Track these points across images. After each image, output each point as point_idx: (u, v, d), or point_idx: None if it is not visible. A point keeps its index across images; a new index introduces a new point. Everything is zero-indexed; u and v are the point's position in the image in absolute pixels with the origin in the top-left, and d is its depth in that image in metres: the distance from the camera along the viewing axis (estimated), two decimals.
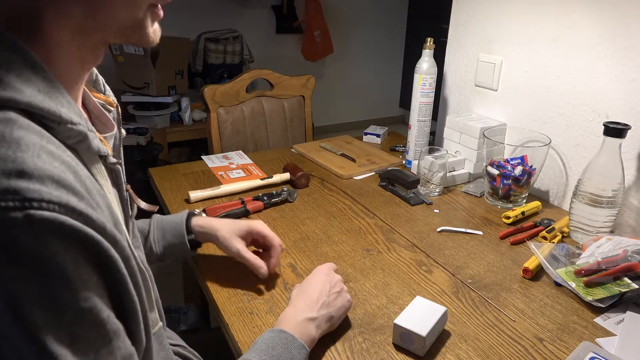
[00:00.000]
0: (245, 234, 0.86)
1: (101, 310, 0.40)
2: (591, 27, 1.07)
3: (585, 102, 1.10)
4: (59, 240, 0.36)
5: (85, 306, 0.39)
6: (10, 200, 0.34)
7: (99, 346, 0.40)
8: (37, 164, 0.36)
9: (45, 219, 0.35)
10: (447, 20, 1.45)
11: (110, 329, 0.42)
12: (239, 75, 1.65)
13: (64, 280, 0.37)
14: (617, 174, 0.95)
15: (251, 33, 3.43)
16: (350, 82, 4.22)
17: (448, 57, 1.47)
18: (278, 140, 1.75)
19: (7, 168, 0.35)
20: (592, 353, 0.70)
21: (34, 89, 0.40)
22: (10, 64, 0.40)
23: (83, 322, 0.39)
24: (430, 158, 1.19)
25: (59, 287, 0.37)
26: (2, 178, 0.35)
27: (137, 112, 2.73)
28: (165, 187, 1.23)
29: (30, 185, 0.35)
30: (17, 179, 0.35)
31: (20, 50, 0.41)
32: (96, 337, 0.40)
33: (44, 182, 0.36)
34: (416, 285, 0.87)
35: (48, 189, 0.36)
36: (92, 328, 0.40)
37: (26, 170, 0.36)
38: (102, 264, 0.41)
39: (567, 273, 0.87)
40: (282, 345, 0.64)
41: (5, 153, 0.36)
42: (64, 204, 0.37)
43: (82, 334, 0.39)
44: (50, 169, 0.37)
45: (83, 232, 0.38)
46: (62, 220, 0.36)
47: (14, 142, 0.36)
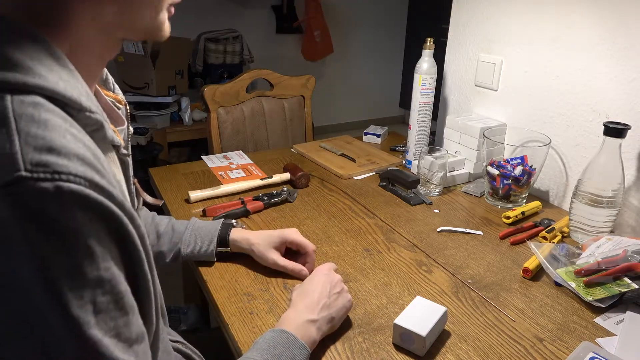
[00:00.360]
0: (279, 244, 0.89)
1: (120, 283, 0.43)
2: (591, 27, 1.07)
3: (585, 102, 1.10)
4: (83, 212, 0.39)
5: (106, 276, 0.41)
6: (42, 172, 0.37)
7: (117, 317, 0.42)
8: (64, 143, 0.39)
9: (73, 191, 0.38)
10: (447, 20, 1.45)
11: (127, 303, 0.44)
12: (239, 75, 1.65)
13: (88, 250, 0.39)
14: (617, 174, 0.95)
15: (251, 33, 3.43)
16: (350, 82, 4.22)
17: (448, 57, 1.47)
18: (278, 140, 1.75)
19: (38, 144, 0.38)
20: (592, 353, 0.70)
21: (57, 77, 0.43)
22: (35, 54, 0.42)
23: (104, 291, 0.41)
24: (430, 158, 1.19)
25: (83, 255, 0.39)
26: (34, 152, 0.37)
27: (137, 112, 2.73)
28: (165, 187, 1.23)
29: (59, 160, 0.38)
30: (47, 154, 0.38)
31: (44, 43, 0.44)
32: (115, 309, 0.42)
33: (71, 158, 0.39)
34: (416, 285, 0.87)
35: (74, 164, 0.39)
36: (112, 299, 0.42)
37: (54, 146, 0.38)
38: (121, 239, 0.43)
39: (567, 273, 0.87)
40: (283, 344, 0.64)
41: (35, 131, 0.38)
42: (89, 179, 0.39)
43: (103, 303, 0.41)
44: (75, 148, 0.40)
45: (105, 206, 0.40)
46: (87, 194, 0.39)
47: (42, 123, 0.39)
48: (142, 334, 0.46)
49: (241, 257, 0.92)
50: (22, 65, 0.41)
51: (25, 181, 0.36)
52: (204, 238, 0.89)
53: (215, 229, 0.90)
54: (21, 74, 0.41)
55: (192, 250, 0.88)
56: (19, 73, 0.41)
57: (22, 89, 0.40)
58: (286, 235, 0.89)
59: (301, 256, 0.90)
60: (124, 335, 0.43)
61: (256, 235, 0.90)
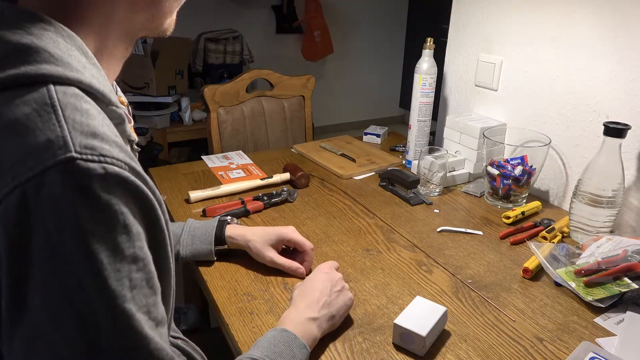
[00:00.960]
0: (276, 242, 0.89)
1: (150, 263, 0.46)
2: (591, 27, 1.07)
3: (585, 102, 1.10)
4: (124, 193, 0.42)
5: (140, 255, 0.44)
6: (90, 154, 0.40)
7: (148, 295, 0.45)
8: (104, 130, 0.43)
9: (117, 174, 0.41)
10: (447, 20, 1.45)
11: (155, 284, 0.46)
12: (239, 75, 1.65)
13: (126, 228, 0.42)
14: (617, 174, 0.95)
15: (251, 33, 3.43)
16: (350, 82, 4.22)
17: (448, 57, 1.47)
18: (278, 140, 1.75)
19: (84, 130, 0.41)
20: (592, 353, 0.70)
21: (90, 73, 0.47)
22: (70, 51, 0.46)
23: (138, 269, 0.43)
24: (430, 158, 1.19)
25: (122, 232, 0.42)
26: (81, 137, 0.41)
27: (137, 112, 2.73)
28: (165, 187, 1.23)
29: (103, 145, 0.42)
30: (93, 139, 0.41)
31: (77, 42, 0.48)
32: (147, 286, 0.45)
33: (111, 144, 0.43)
34: (416, 285, 0.87)
35: (115, 150, 0.43)
36: (144, 277, 0.44)
37: (98, 133, 0.42)
38: (151, 223, 0.46)
39: (567, 273, 0.87)
40: (283, 343, 0.65)
41: (80, 119, 0.42)
42: (128, 164, 0.43)
43: (137, 280, 0.43)
44: (113, 136, 0.44)
45: (141, 190, 0.44)
46: (127, 176, 0.42)
47: (85, 112, 0.43)
48: (164, 318, 0.48)
49: (241, 257, 0.92)
50: (62, 60, 0.44)
51: (75, 161, 0.39)
52: (202, 238, 0.89)
53: (212, 227, 0.90)
54: (62, 68, 0.44)
55: (191, 251, 0.88)
56: (60, 67, 0.44)
57: (64, 81, 0.43)
58: (283, 234, 0.89)
59: (299, 254, 0.90)
60: (153, 314, 0.45)
61: (253, 232, 0.90)
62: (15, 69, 0.42)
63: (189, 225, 0.91)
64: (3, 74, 0.42)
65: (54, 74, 0.43)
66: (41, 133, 0.40)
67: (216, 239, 0.89)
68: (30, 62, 0.43)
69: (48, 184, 0.39)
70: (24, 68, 0.42)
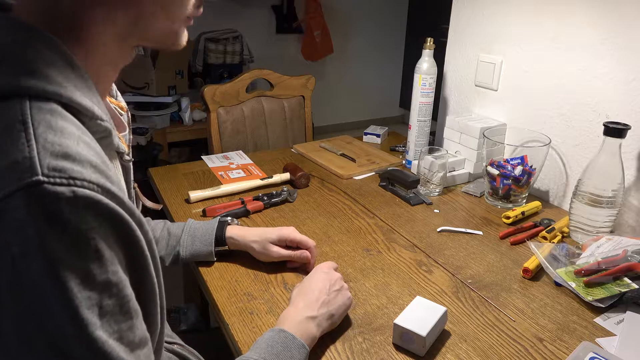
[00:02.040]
0: (277, 241, 0.89)
1: (125, 287, 0.44)
2: (591, 27, 1.07)
3: (585, 102, 1.10)
4: (95, 216, 0.40)
5: (113, 280, 0.42)
6: (58, 177, 0.38)
7: (121, 321, 0.43)
8: (78, 150, 0.41)
9: (87, 197, 0.40)
10: (447, 20, 1.45)
11: (132, 307, 0.45)
12: (239, 75, 1.65)
13: (97, 253, 0.41)
14: (617, 174, 0.95)
15: (251, 33, 3.43)
16: (350, 82, 4.22)
17: (448, 57, 1.47)
18: (278, 140, 1.75)
19: (55, 150, 0.40)
20: (592, 353, 0.70)
21: (72, 85, 0.45)
22: (54, 62, 0.44)
23: (110, 294, 0.42)
24: (430, 158, 1.19)
25: (93, 258, 0.40)
26: (50, 158, 0.39)
27: (137, 112, 2.73)
28: (165, 187, 1.23)
29: (74, 167, 0.40)
30: (63, 160, 0.40)
31: (62, 51, 0.46)
32: (119, 312, 0.43)
33: (84, 165, 0.41)
34: (416, 285, 0.87)
35: (88, 171, 0.41)
36: (117, 303, 0.43)
37: (70, 153, 0.40)
38: (128, 245, 0.44)
39: (567, 273, 0.87)
40: (281, 344, 0.64)
41: (52, 138, 0.40)
42: (101, 185, 0.41)
43: (109, 306, 0.42)
44: (88, 155, 0.42)
45: (116, 212, 0.42)
46: (99, 199, 0.40)
47: (59, 130, 0.41)
48: (146, 339, 0.47)
49: (241, 257, 0.92)
50: (42, 72, 0.43)
51: (42, 184, 0.38)
52: (202, 239, 0.89)
53: (212, 228, 0.90)
54: (41, 81, 0.42)
55: (191, 252, 0.88)
56: (39, 80, 0.42)
57: (40, 95, 0.42)
58: (284, 234, 0.89)
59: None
60: (127, 339, 0.43)
61: (254, 233, 0.90)
62: None
63: (189, 225, 0.91)
64: None
65: (31, 86, 0.42)
66: (8, 153, 0.39)
67: (216, 240, 0.89)
68: (10, 73, 0.42)
69: (12, 208, 0.37)
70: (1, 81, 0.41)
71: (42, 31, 0.45)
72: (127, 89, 2.72)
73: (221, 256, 0.92)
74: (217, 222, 0.91)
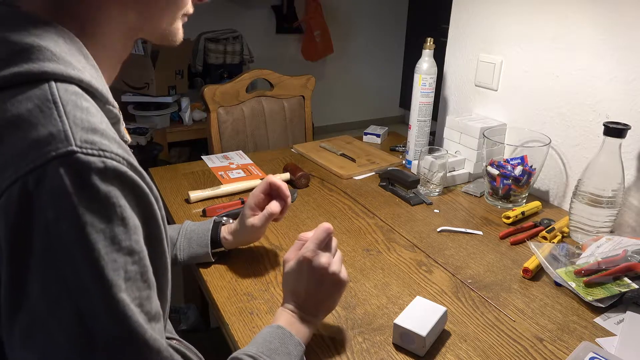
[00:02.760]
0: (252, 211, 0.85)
1: (146, 257, 0.46)
2: (591, 27, 1.07)
3: (585, 102, 1.10)
4: (122, 186, 0.44)
5: (136, 248, 0.45)
6: (90, 148, 0.42)
7: (142, 289, 0.45)
8: (104, 127, 0.45)
9: (115, 168, 0.43)
10: (447, 20, 1.45)
11: (150, 279, 0.47)
12: (239, 75, 1.65)
13: (123, 221, 0.44)
14: (617, 174, 0.95)
15: (251, 33, 3.43)
16: (350, 82, 4.22)
17: (448, 57, 1.47)
18: (278, 140, 1.75)
19: (84, 125, 0.43)
20: (592, 353, 0.70)
21: (89, 73, 0.48)
22: (71, 52, 0.48)
23: (134, 261, 0.44)
24: (430, 158, 1.19)
25: (119, 224, 0.43)
26: (82, 132, 0.42)
27: (137, 112, 2.73)
28: (165, 187, 1.23)
29: (103, 140, 0.43)
30: (94, 134, 0.43)
31: (76, 43, 0.49)
32: (141, 280, 0.45)
33: (110, 140, 0.44)
34: (416, 285, 0.87)
35: (114, 145, 0.44)
36: (139, 270, 0.45)
37: (98, 129, 0.44)
38: (148, 217, 0.47)
39: (567, 273, 0.87)
40: (278, 340, 0.65)
41: (80, 116, 0.43)
42: (126, 159, 0.44)
43: (132, 272, 0.44)
44: (112, 133, 0.45)
45: (139, 185, 0.45)
46: (124, 171, 0.44)
47: (85, 109, 0.44)
48: (159, 315, 0.49)
49: (241, 257, 0.92)
50: (64, 58, 0.46)
51: (76, 154, 0.41)
52: (198, 241, 0.89)
53: (207, 229, 0.89)
54: (64, 66, 0.45)
55: (189, 254, 0.88)
56: (62, 65, 0.45)
57: (65, 79, 0.45)
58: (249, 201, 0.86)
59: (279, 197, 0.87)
60: (146, 308, 0.46)
61: (236, 222, 0.89)
62: (18, 67, 0.43)
63: (185, 228, 0.91)
64: (7, 72, 0.43)
65: (56, 71, 0.44)
66: (43, 127, 0.41)
67: (212, 241, 0.89)
68: (33, 60, 0.44)
69: (49, 176, 0.40)
70: (26, 66, 0.44)
71: (56, 24, 0.48)
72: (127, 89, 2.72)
73: (221, 256, 0.92)
74: (212, 223, 0.90)
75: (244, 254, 0.92)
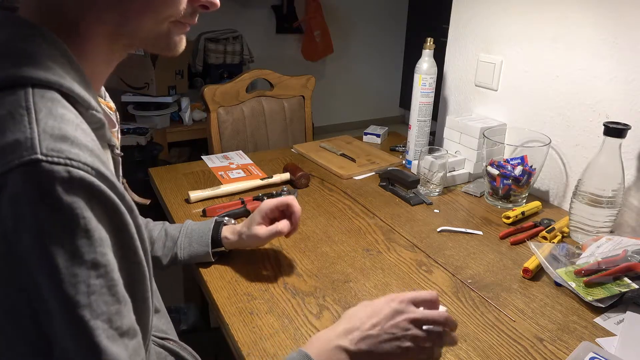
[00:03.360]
0: (261, 219, 0.87)
1: (114, 270, 0.45)
2: (591, 27, 1.07)
3: (585, 102, 1.10)
4: (88, 197, 0.42)
5: (102, 261, 0.43)
6: (56, 157, 0.40)
7: (110, 303, 0.44)
8: (76, 135, 0.43)
9: (82, 178, 0.41)
10: (447, 20, 1.45)
11: (119, 292, 0.45)
12: (239, 75, 1.65)
13: (87, 233, 0.42)
14: (617, 174, 0.95)
15: (251, 33, 3.43)
16: (350, 82, 4.22)
17: (448, 57, 1.47)
18: (278, 140, 1.75)
19: (54, 133, 0.42)
20: (592, 353, 0.70)
21: (71, 78, 0.47)
22: (53, 56, 0.47)
23: (98, 274, 0.43)
24: (430, 158, 1.19)
25: (82, 237, 0.42)
26: (50, 140, 0.41)
27: (137, 112, 2.73)
28: (165, 187, 1.23)
29: (71, 149, 0.42)
30: (62, 142, 0.42)
31: (60, 47, 0.48)
32: (108, 295, 0.44)
33: (81, 148, 0.43)
34: (416, 285, 0.87)
35: (84, 154, 0.43)
36: (105, 284, 0.44)
37: (68, 136, 0.42)
38: (119, 228, 0.46)
39: (567, 273, 0.87)
40: None
41: (52, 123, 0.42)
42: (96, 169, 0.43)
43: (96, 286, 0.43)
44: (85, 140, 0.44)
45: (107, 195, 0.44)
46: (92, 181, 0.42)
47: (59, 116, 0.43)
48: (134, 331, 0.47)
49: (241, 257, 0.92)
50: (44, 64, 0.45)
51: (40, 162, 0.40)
52: (199, 240, 0.89)
53: (208, 228, 0.90)
54: (43, 71, 0.45)
55: (189, 253, 0.88)
56: (42, 70, 0.45)
57: (43, 84, 0.44)
58: (262, 208, 0.87)
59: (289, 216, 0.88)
60: (115, 324, 0.44)
61: (241, 225, 0.89)
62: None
63: (186, 227, 0.91)
64: None
65: (34, 76, 0.44)
66: (11, 134, 0.41)
67: (213, 241, 0.89)
68: (14, 65, 0.44)
69: (10, 184, 0.39)
70: (5, 71, 0.43)
71: (42, 28, 0.48)
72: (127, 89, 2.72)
73: (221, 256, 0.92)
74: (213, 222, 0.91)
75: (244, 254, 0.92)
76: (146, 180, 1.36)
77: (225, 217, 0.95)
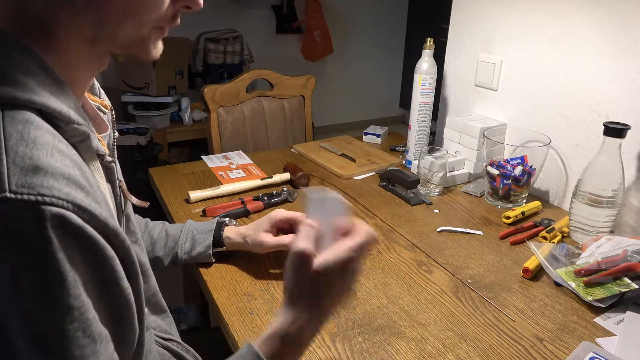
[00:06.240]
0: (269, 227, 0.87)
1: (88, 311, 0.42)
2: (591, 27, 1.07)
3: (585, 102, 1.10)
4: (62, 236, 0.39)
5: (74, 304, 0.40)
6: (26, 193, 0.38)
7: (85, 346, 0.42)
8: (51, 162, 0.40)
9: (54, 215, 0.38)
10: (447, 20, 1.45)
11: (95, 331, 0.43)
12: (239, 75, 1.65)
13: (59, 276, 0.39)
14: (617, 174, 0.95)
15: (251, 33, 3.43)
16: (350, 82, 4.22)
17: (448, 57, 1.47)
18: (278, 140, 1.75)
19: (25, 164, 0.39)
20: (592, 353, 0.70)
21: (47, 91, 0.44)
22: (26, 68, 0.44)
23: (71, 319, 0.40)
24: (430, 158, 1.19)
25: (54, 281, 0.39)
26: (20, 173, 0.38)
27: (137, 112, 2.73)
28: (165, 187, 1.23)
29: (44, 182, 0.39)
30: (33, 175, 0.38)
31: (34, 55, 0.45)
32: (83, 337, 0.41)
33: (56, 178, 0.40)
34: (416, 285, 0.87)
35: (59, 185, 0.39)
36: (79, 327, 0.41)
37: (41, 166, 0.39)
38: (97, 264, 0.43)
39: (567, 273, 0.87)
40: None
41: (23, 150, 0.39)
42: (72, 201, 0.40)
43: (70, 331, 0.40)
44: (61, 167, 0.41)
45: (84, 231, 0.40)
46: (67, 217, 0.39)
47: (31, 141, 0.40)
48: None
49: (241, 257, 0.92)
50: (14, 79, 0.42)
51: (9, 202, 0.37)
52: (200, 240, 0.89)
53: (210, 229, 0.90)
54: (12, 88, 0.42)
55: (190, 253, 0.88)
56: (10, 87, 0.42)
57: (13, 103, 0.41)
58: (273, 216, 0.87)
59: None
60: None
61: (247, 227, 0.89)
62: None
63: (188, 227, 0.91)
64: None
65: (2, 95, 0.41)
66: None
67: (214, 241, 0.89)
68: None
69: None
70: None
71: (14, 36, 0.45)
72: (127, 89, 2.73)
73: (221, 257, 0.92)
74: (215, 223, 0.91)
75: (244, 254, 0.92)
76: (146, 180, 1.36)
77: (227, 217, 0.95)
